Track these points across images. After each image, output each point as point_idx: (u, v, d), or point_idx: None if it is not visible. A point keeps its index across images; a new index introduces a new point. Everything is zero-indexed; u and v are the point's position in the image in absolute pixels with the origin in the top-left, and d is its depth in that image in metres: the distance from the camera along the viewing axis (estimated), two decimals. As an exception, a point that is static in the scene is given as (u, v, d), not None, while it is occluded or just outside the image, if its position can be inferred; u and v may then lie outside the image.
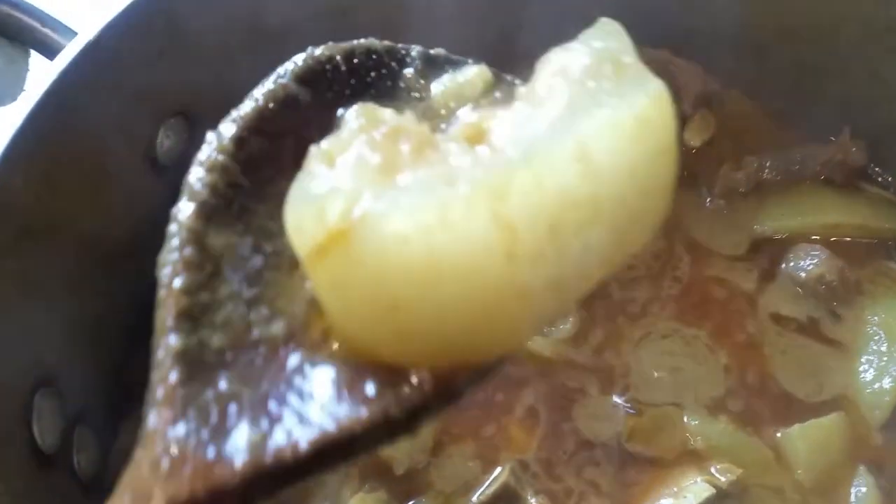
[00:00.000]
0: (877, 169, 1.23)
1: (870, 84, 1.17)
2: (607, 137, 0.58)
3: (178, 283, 0.61)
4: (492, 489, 0.99)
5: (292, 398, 0.59)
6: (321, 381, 0.59)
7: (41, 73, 0.97)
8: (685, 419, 1.05)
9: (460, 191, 0.54)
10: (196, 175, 0.64)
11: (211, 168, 0.64)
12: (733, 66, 1.28)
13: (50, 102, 0.95)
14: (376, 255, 0.54)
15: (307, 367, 0.60)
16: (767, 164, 1.22)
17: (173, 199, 1.11)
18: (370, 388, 0.59)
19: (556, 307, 0.61)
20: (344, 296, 0.57)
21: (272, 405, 0.58)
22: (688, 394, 1.07)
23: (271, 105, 0.68)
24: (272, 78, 0.68)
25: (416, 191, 0.55)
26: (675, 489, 0.98)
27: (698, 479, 0.98)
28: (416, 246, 0.54)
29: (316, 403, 0.58)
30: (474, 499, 0.99)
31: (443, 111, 0.72)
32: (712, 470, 1.00)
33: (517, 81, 0.72)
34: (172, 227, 0.63)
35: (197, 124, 1.15)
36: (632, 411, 1.07)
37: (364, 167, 0.58)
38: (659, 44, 1.29)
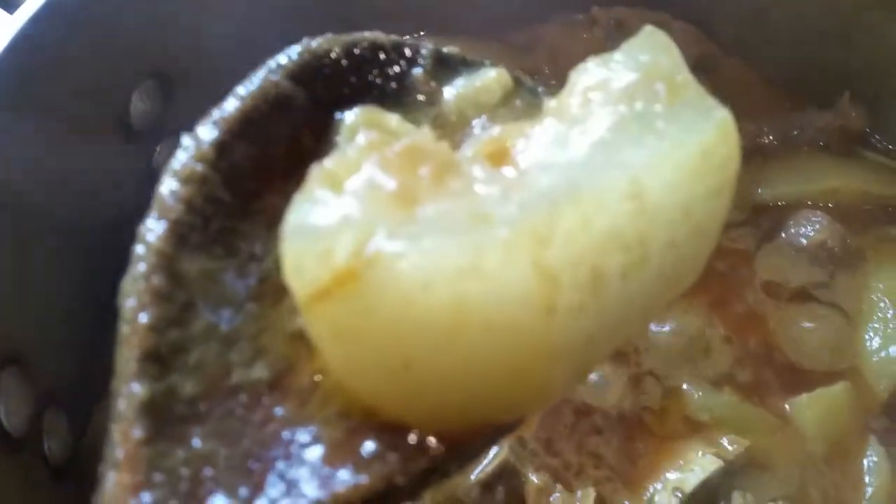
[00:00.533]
0: (876, 136, 1.22)
1: (870, 48, 1.15)
2: (667, 173, 0.50)
3: (144, 317, 0.52)
4: (490, 467, 0.94)
5: (277, 460, 0.51)
6: (312, 438, 0.51)
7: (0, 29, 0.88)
8: (689, 391, 1.02)
9: (498, 234, 0.46)
10: (169, 187, 0.55)
11: (187, 179, 0.55)
12: (732, 30, 1.25)
13: (10, 61, 0.87)
14: (391, 302, 0.47)
15: (295, 421, 0.52)
16: (765, 130, 1.20)
17: (148, 168, 1.06)
18: (371, 451, 0.51)
19: (588, 363, 0.54)
20: (348, 348, 0.49)
21: (254, 468, 0.50)
22: (690, 366, 1.04)
23: (259, 105, 0.59)
24: (261, 73, 0.59)
25: (441, 228, 0.47)
26: (682, 462, 0.95)
27: (705, 452, 0.95)
28: (440, 295, 0.46)
29: (306, 467, 0.50)
30: (472, 477, 0.93)
31: (454, 118, 0.63)
32: (720, 442, 0.97)
33: (541, 89, 0.64)
34: (139, 249, 0.54)
35: (172, 88, 1.07)
36: (634, 384, 1.03)
37: (377, 195, 0.49)
38: (657, 6, 1.26)
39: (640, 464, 0.95)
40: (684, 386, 1.01)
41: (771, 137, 1.19)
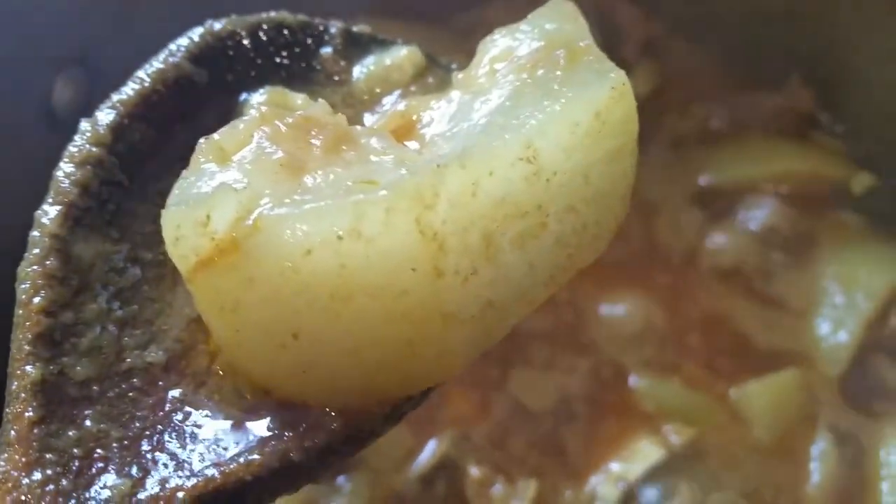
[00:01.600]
0: (824, 116, 1.20)
1: (818, 28, 1.15)
2: (560, 135, 0.52)
3: (37, 300, 0.54)
4: (430, 463, 0.96)
5: (170, 440, 0.52)
6: (206, 419, 0.53)
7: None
8: (634, 380, 1.03)
9: (379, 195, 0.47)
10: (64, 171, 0.57)
11: (83, 162, 0.57)
12: (679, 10, 1.25)
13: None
14: (273, 270, 0.48)
15: (190, 403, 0.53)
16: (715, 113, 1.22)
17: None
18: (265, 429, 0.52)
19: (492, 331, 0.55)
20: (235, 320, 0.50)
21: (145, 448, 0.52)
22: (636, 353, 1.05)
23: (159, 88, 0.61)
24: (162, 56, 0.61)
25: (325, 194, 0.48)
26: (626, 452, 0.97)
27: (649, 442, 0.97)
28: (322, 260, 0.47)
29: (199, 446, 0.52)
30: (411, 475, 0.95)
31: (366, 97, 0.65)
32: (664, 431, 0.99)
33: (454, 66, 0.65)
34: (34, 233, 0.55)
35: (99, 75, 1.04)
36: (578, 374, 1.04)
37: (264, 165, 0.51)
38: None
39: (585, 454, 0.96)
40: (630, 375, 1.02)
41: (720, 121, 1.20)
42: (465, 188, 0.50)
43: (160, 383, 0.54)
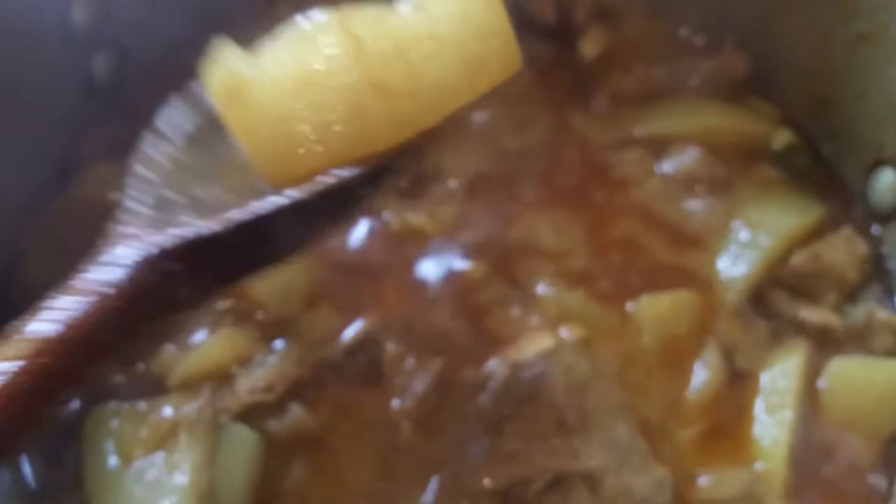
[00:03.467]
0: (754, 79, 1.33)
1: None
2: None
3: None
4: (355, 339, 1.13)
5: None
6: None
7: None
8: (542, 288, 1.18)
9: (317, 17, 0.81)
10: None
11: None
12: None
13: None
14: (264, 86, 0.81)
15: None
16: (655, 74, 1.34)
17: (89, 73, 1.24)
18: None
19: (415, 114, 0.82)
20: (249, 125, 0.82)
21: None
22: (547, 266, 1.20)
23: None
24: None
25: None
26: (521, 342, 1.10)
27: (542, 335, 1.09)
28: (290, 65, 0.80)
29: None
30: (338, 346, 1.13)
31: None
32: (560, 330, 1.10)
33: None
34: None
35: None
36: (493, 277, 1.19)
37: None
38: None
39: (487, 345, 1.12)
40: (540, 283, 1.19)
41: (659, 81, 1.34)
42: (373, 17, 0.81)
43: None
